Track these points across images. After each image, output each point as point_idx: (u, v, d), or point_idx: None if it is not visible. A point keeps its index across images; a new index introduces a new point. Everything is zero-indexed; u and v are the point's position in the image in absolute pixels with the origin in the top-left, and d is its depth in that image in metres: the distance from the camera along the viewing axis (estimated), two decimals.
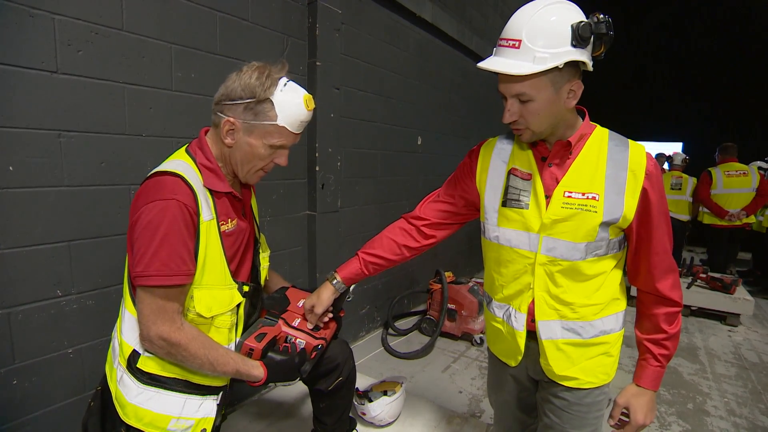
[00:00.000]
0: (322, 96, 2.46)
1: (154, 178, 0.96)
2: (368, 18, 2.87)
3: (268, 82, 0.99)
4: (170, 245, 0.90)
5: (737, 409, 2.44)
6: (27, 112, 1.35)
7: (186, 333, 0.95)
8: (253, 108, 0.99)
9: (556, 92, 0.90)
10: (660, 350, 1.02)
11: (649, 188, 0.93)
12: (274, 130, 1.02)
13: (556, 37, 0.85)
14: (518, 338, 1.08)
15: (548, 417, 1.10)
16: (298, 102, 1.03)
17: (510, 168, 1.07)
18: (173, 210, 0.91)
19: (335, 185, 2.64)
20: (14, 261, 1.35)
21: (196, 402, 1.03)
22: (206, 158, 1.04)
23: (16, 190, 1.34)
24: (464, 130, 4.45)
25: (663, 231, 0.97)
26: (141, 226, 0.91)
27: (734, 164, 4.45)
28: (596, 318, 1.03)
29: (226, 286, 1.06)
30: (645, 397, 1.02)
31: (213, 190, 1.02)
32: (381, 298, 3.36)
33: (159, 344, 0.93)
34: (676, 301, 1.00)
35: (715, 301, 3.89)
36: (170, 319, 0.93)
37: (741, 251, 5.30)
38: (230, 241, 1.07)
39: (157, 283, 0.90)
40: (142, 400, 0.98)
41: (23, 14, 1.31)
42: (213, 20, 1.89)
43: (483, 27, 4.63)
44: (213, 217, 1.01)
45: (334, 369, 1.37)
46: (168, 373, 1.00)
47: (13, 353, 1.37)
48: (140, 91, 1.63)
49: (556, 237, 0.98)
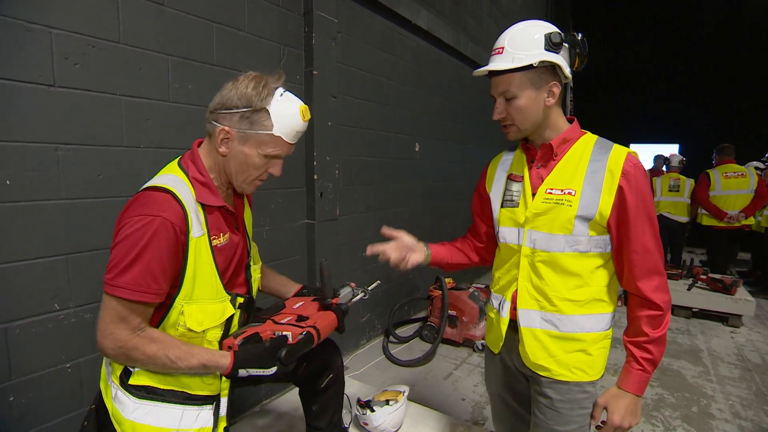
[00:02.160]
0: (320, 104, 2.46)
1: (145, 193, 0.95)
2: (364, 26, 2.90)
3: (265, 91, 0.99)
4: (145, 262, 0.90)
5: (742, 412, 2.42)
6: (24, 126, 1.34)
7: (143, 338, 0.93)
8: (249, 117, 0.99)
9: (536, 91, 1.03)
10: (642, 353, 1.03)
11: (626, 186, 0.98)
12: (270, 140, 1.02)
13: (532, 42, 1.01)
14: (501, 325, 1.17)
15: (536, 415, 1.15)
16: (294, 112, 1.03)
17: (509, 174, 1.20)
18: (157, 227, 0.90)
19: (334, 193, 2.64)
20: (11, 275, 1.34)
21: (194, 413, 1.02)
22: (199, 172, 1.03)
23: (13, 204, 1.34)
24: (461, 136, 4.47)
25: (643, 230, 0.99)
26: (121, 237, 0.90)
27: (732, 165, 4.46)
28: (574, 314, 1.07)
29: (218, 300, 1.05)
30: (624, 399, 1.04)
31: (205, 204, 1.02)
32: (381, 305, 3.34)
33: (113, 352, 0.92)
34: (657, 304, 1.01)
35: (716, 303, 3.88)
36: (129, 328, 0.92)
37: (740, 251, 5.30)
38: (222, 255, 1.07)
39: (124, 296, 0.89)
40: (138, 416, 0.96)
41: (20, 28, 1.31)
42: (210, 31, 1.90)
43: (478, 33, 4.67)
44: (204, 232, 1.00)
45: (324, 367, 1.40)
46: (164, 384, 0.99)
47: (10, 369, 1.35)
48: (138, 103, 1.64)
49: (536, 229, 1.08)
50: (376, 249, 1.24)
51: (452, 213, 4.41)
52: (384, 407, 1.79)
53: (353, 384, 2.30)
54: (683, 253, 5.31)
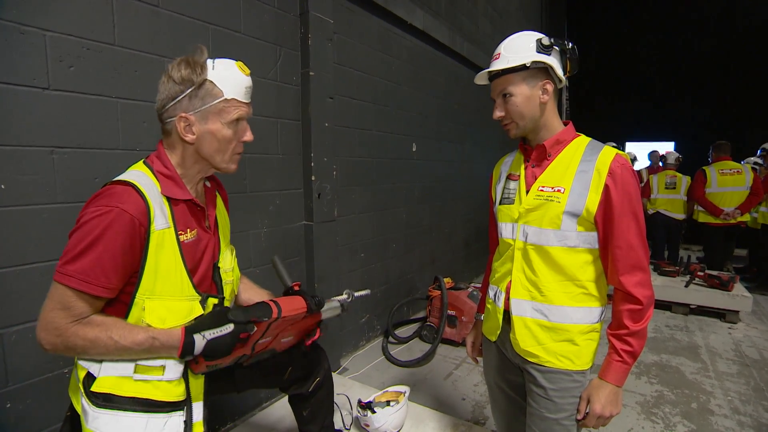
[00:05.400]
0: (316, 105, 2.46)
1: (107, 187, 0.95)
2: (360, 27, 2.89)
3: (198, 67, 1.00)
4: (97, 253, 0.88)
5: (741, 407, 2.43)
6: (19, 129, 1.33)
7: (84, 324, 0.90)
8: (197, 94, 1.00)
9: (531, 89, 1.12)
10: (622, 345, 1.09)
11: (611, 185, 1.05)
12: (226, 106, 1.03)
13: (524, 46, 1.12)
14: (497, 314, 1.25)
15: (530, 405, 1.21)
16: (234, 71, 1.04)
17: (508, 174, 1.29)
18: (113, 218, 0.89)
19: (331, 194, 2.63)
20: (7, 280, 1.33)
21: (160, 420, 0.96)
22: (164, 166, 1.03)
23: (8, 208, 1.32)
24: (458, 136, 4.47)
25: (627, 227, 1.05)
26: (77, 226, 0.90)
27: (728, 162, 4.48)
28: (564, 305, 1.13)
29: (185, 298, 1.01)
30: (605, 389, 1.10)
31: (171, 197, 1.01)
32: (380, 306, 3.34)
33: (51, 342, 0.89)
34: (638, 299, 1.06)
35: (713, 299, 3.89)
36: (71, 315, 0.89)
37: (737, 248, 5.33)
38: (190, 252, 1.04)
39: (71, 285, 0.88)
40: (98, 425, 0.92)
41: (14, 31, 1.30)
42: (206, 33, 1.89)
43: (473, 33, 4.68)
44: (170, 225, 0.98)
45: (310, 371, 1.42)
46: (124, 392, 0.94)
47: (7, 375, 1.34)
48: (133, 106, 1.63)
49: (528, 224, 1.16)
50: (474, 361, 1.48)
51: (450, 213, 4.41)
52: (385, 408, 1.79)
53: (353, 385, 2.30)
54: (680, 251, 5.33)
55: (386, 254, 3.36)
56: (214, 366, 1.01)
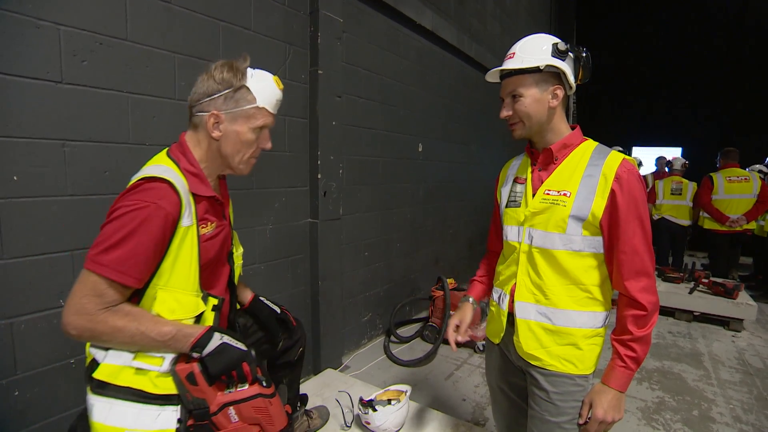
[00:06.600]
0: (324, 104, 2.47)
1: (143, 182, 0.97)
2: (369, 26, 2.90)
3: (239, 72, 1.08)
4: (132, 245, 0.91)
5: (743, 416, 2.42)
6: (32, 122, 1.35)
7: (114, 311, 0.91)
8: (233, 96, 1.07)
9: (541, 92, 1.11)
10: (626, 351, 1.08)
11: (617, 190, 1.04)
12: (256, 112, 1.09)
13: (539, 48, 1.11)
14: (501, 316, 1.25)
15: (532, 407, 1.21)
16: (270, 83, 1.13)
17: (515, 177, 1.28)
18: (150, 213, 0.92)
19: (337, 193, 2.64)
20: (17, 271, 1.35)
21: (153, 412, 0.96)
22: (190, 164, 1.08)
23: (20, 199, 1.34)
24: (464, 136, 4.47)
25: (633, 232, 1.04)
26: (114, 216, 0.92)
27: (736, 170, 4.44)
28: (568, 309, 1.13)
29: (192, 292, 1.05)
30: (608, 394, 1.09)
31: (196, 194, 1.05)
32: (383, 305, 3.35)
33: (78, 327, 0.89)
34: (643, 305, 1.05)
35: (717, 307, 3.87)
36: (102, 302, 0.90)
37: (742, 256, 5.29)
38: (208, 245, 1.09)
39: (106, 275, 0.89)
40: (94, 411, 0.94)
41: (29, 25, 1.32)
42: (216, 30, 1.90)
43: (482, 34, 4.67)
44: (193, 222, 1.03)
45: (296, 341, 1.58)
46: (119, 381, 0.95)
47: (15, 364, 1.36)
48: (144, 100, 1.64)
49: (534, 227, 1.15)
50: (452, 345, 1.37)
51: (454, 214, 4.41)
52: (386, 407, 1.79)
53: (355, 383, 2.31)
54: (685, 257, 5.30)
55: (390, 253, 3.37)
56: (194, 382, 0.97)
